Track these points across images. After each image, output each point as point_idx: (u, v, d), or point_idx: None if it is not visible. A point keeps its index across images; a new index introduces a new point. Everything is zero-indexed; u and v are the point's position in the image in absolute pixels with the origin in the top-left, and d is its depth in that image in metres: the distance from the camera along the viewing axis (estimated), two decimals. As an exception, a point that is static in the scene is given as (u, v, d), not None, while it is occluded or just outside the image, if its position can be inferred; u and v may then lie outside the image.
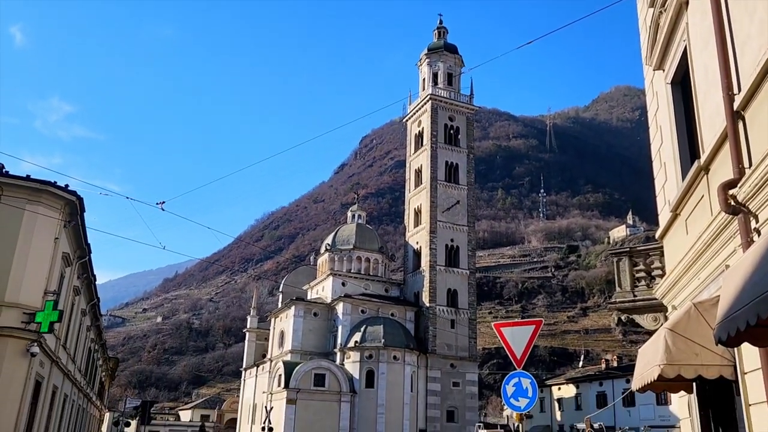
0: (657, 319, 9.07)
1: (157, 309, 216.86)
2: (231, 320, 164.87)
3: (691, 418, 7.64)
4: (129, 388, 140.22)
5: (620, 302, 9.48)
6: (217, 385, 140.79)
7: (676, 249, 8.05)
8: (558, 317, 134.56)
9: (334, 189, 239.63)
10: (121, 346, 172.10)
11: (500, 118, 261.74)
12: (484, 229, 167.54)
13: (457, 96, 70.43)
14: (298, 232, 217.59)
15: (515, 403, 8.38)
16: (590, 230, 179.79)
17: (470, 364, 62.91)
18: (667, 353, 6.03)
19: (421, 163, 68.48)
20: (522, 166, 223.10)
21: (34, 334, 15.42)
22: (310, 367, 56.80)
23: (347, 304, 61.92)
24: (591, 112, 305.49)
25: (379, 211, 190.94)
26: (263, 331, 76.49)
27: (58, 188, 16.39)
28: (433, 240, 63.61)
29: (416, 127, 71.08)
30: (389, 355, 57.34)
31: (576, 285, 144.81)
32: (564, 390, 64.48)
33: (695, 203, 7.29)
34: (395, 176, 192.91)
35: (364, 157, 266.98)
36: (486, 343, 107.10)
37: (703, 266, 7.01)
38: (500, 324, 8.78)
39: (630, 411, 53.45)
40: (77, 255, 21.30)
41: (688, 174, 7.28)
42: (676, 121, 8.13)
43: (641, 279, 9.56)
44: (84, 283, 24.83)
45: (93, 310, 30.07)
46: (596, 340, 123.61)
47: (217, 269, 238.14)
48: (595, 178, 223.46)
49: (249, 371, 76.09)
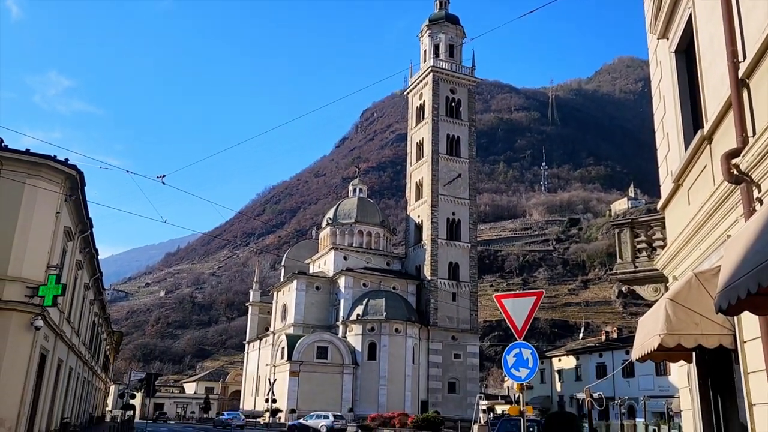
0: (657, 290, 9.08)
1: (160, 283, 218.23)
2: (233, 294, 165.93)
3: (690, 387, 7.70)
4: (134, 361, 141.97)
5: (621, 273, 9.48)
6: (220, 358, 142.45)
7: (678, 220, 8.02)
8: (559, 290, 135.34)
9: (336, 163, 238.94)
10: (125, 320, 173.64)
11: (502, 91, 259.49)
12: (485, 203, 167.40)
13: (458, 68, 69.75)
14: (300, 206, 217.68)
15: (516, 374, 8.45)
16: (592, 203, 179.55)
17: (471, 337, 63.48)
18: (667, 323, 6.04)
19: (422, 137, 68.15)
20: (524, 138, 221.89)
21: (38, 308, 15.52)
22: (312, 340, 57.37)
23: (349, 277, 62.26)
24: (594, 84, 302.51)
25: (380, 185, 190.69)
26: (266, 305, 77.11)
27: (58, 162, 16.34)
28: (435, 213, 63.63)
29: (417, 100, 70.55)
30: (391, 327, 57.84)
31: (577, 258, 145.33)
32: (564, 361, 65.10)
33: (698, 173, 7.24)
34: (396, 150, 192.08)
35: (366, 130, 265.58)
36: (487, 316, 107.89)
37: (704, 237, 6.99)
38: (501, 295, 8.81)
39: (629, 382, 54.03)
40: (79, 229, 21.32)
41: (691, 144, 7.21)
42: (679, 90, 8.03)
43: (642, 250, 9.54)
44: (86, 257, 24.90)
45: (96, 284, 30.23)
46: (596, 312, 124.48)
47: (219, 244, 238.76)
48: (597, 150, 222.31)
49: (252, 344, 76.88)
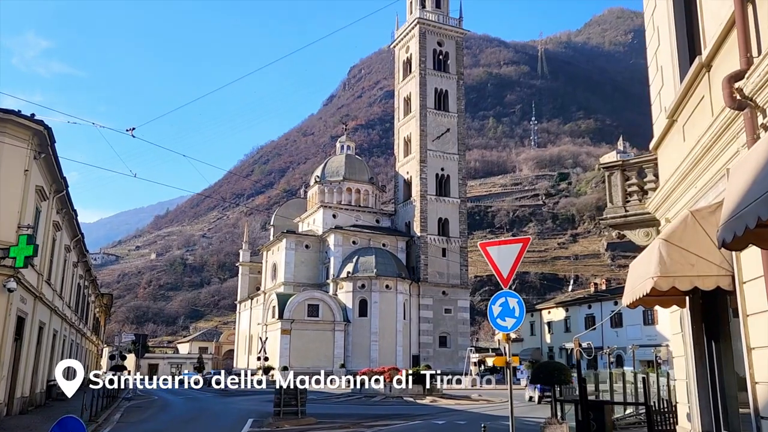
0: (649, 234, 8.68)
1: (150, 246, 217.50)
2: (225, 255, 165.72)
3: (684, 333, 7.37)
4: (127, 323, 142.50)
5: (611, 218, 9.06)
6: (214, 319, 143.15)
7: (672, 158, 7.55)
8: (548, 244, 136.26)
9: (323, 121, 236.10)
10: (116, 284, 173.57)
11: (491, 45, 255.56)
12: (475, 159, 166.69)
13: (446, 19, 68.08)
14: (289, 165, 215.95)
15: (502, 324, 8.08)
16: (581, 157, 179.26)
17: (462, 291, 63.79)
18: (661, 265, 5.63)
19: (409, 91, 66.95)
20: (513, 93, 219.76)
21: (10, 269, 14.99)
22: (303, 298, 57.42)
23: (338, 235, 61.96)
24: (583, 36, 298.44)
25: (369, 143, 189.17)
26: (256, 265, 76.94)
27: (23, 117, 15.56)
28: (423, 169, 63.03)
29: (404, 54, 69.05)
30: (381, 284, 57.92)
31: (566, 212, 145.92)
32: (554, 313, 65.79)
33: (694, 105, 6.74)
34: (385, 107, 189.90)
35: (353, 87, 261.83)
36: (478, 271, 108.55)
37: (700, 173, 6.54)
38: (486, 243, 8.36)
39: (617, 332, 54.70)
40: (54, 189, 20.63)
41: (688, 74, 6.69)
42: (675, 18, 7.45)
43: (633, 193, 9.10)
44: (65, 218, 24.26)
45: (78, 246, 29.64)
46: (586, 265, 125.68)
47: (208, 205, 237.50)
48: (587, 104, 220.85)
49: (243, 304, 77.02)
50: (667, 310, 7.91)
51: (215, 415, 21.40)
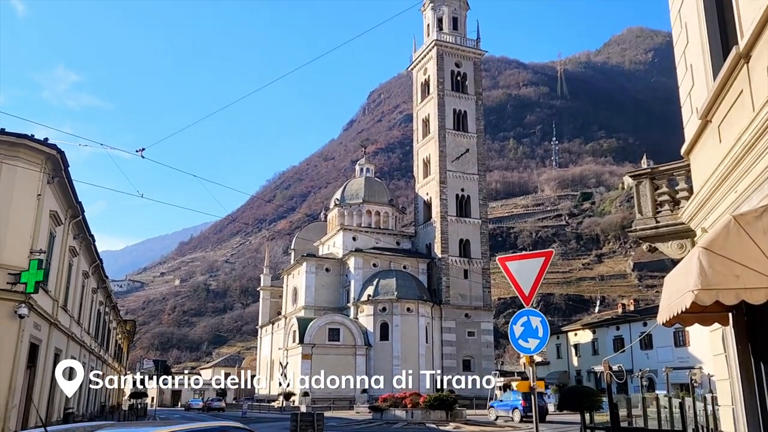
0: (683, 246, 8.03)
1: (175, 272, 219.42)
2: (247, 280, 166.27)
3: (727, 353, 6.67)
4: (151, 350, 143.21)
5: (641, 230, 8.42)
6: (236, 344, 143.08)
7: (706, 162, 6.95)
8: (573, 265, 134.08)
9: (344, 146, 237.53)
10: (141, 310, 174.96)
11: (509, 66, 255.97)
12: (496, 180, 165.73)
13: (463, 41, 68.04)
14: (310, 190, 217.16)
15: (524, 345, 7.46)
16: (604, 176, 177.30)
17: (485, 313, 62.59)
18: (701, 276, 5.01)
19: (428, 112, 66.76)
20: (533, 114, 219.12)
21: (21, 295, 14.74)
22: (323, 322, 56.79)
23: (358, 258, 61.45)
24: (603, 56, 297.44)
25: (389, 166, 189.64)
26: (277, 289, 76.70)
27: (36, 141, 15.45)
28: (443, 190, 62.47)
29: (422, 76, 69.05)
30: (403, 307, 57.08)
31: (590, 232, 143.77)
32: (580, 336, 64.15)
33: (732, 102, 6.16)
34: (405, 130, 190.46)
35: (373, 112, 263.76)
36: (501, 293, 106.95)
37: (741, 176, 5.93)
38: (505, 258, 7.79)
39: (648, 354, 52.98)
40: (70, 214, 20.53)
41: (723, 68, 6.13)
42: (705, 9, 6.91)
43: (664, 203, 8.47)
44: (82, 243, 24.17)
45: (96, 271, 29.56)
46: (612, 286, 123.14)
47: (231, 231, 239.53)
48: (609, 123, 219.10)
49: (265, 329, 76.65)
50: (707, 328, 7.23)
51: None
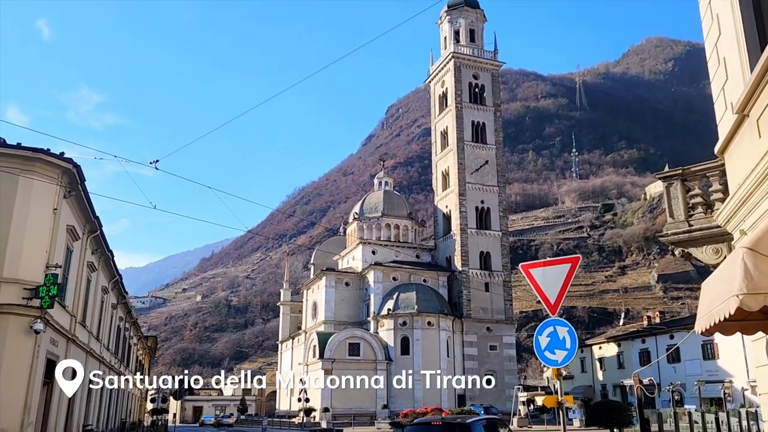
0: (719, 251, 7.55)
1: (196, 288, 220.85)
2: (268, 296, 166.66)
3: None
4: (173, 366, 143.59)
5: (673, 234, 7.95)
6: (258, 360, 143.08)
7: (744, 159, 6.51)
8: (595, 277, 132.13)
9: (363, 161, 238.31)
10: (164, 326, 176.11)
11: (528, 79, 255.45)
12: (516, 192, 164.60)
13: (480, 52, 67.83)
14: (330, 205, 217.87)
15: (551, 357, 7.02)
16: (625, 187, 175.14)
17: (507, 327, 61.65)
18: (747, 279, 4.58)
19: (446, 125, 66.48)
20: (552, 126, 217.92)
21: (37, 310, 14.61)
22: (343, 337, 56.35)
23: (378, 272, 61.03)
24: (622, 67, 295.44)
25: (408, 180, 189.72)
26: (297, 304, 76.49)
27: (52, 156, 15.41)
28: (463, 202, 61.94)
29: (440, 88, 68.89)
30: (423, 321, 56.44)
31: (613, 244, 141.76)
32: (605, 349, 62.82)
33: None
34: (423, 144, 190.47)
35: (391, 126, 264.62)
36: (523, 307, 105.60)
37: (785, 171, 5.49)
38: (529, 264, 7.39)
39: (675, 367, 51.61)
40: (87, 229, 20.50)
41: (761, 59, 5.72)
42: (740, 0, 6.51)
43: (697, 205, 8.00)
44: (101, 259, 24.15)
45: (116, 287, 29.56)
46: (636, 298, 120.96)
47: (252, 246, 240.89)
48: (629, 133, 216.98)
49: (285, 344, 76.40)
50: (748, 338, 6.73)
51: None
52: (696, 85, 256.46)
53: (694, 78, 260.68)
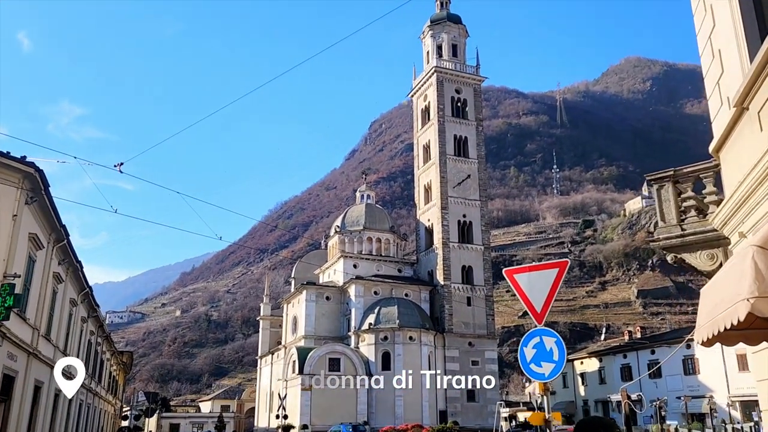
0: (714, 256, 7.09)
1: (176, 303, 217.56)
2: (249, 311, 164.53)
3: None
4: (151, 382, 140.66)
5: (665, 239, 7.48)
6: (238, 376, 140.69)
7: (744, 156, 6.06)
8: (576, 292, 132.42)
9: (346, 175, 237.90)
10: (142, 341, 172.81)
11: (509, 96, 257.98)
12: (498, 208, 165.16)
13: (462, 67, 67.96)
14: (312, 219, 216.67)
15: (537, 370, 6.46)
16: (605, 204, 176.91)
17: (489, 342, 61.10)
18: (758, 281, 4.09)
19: (428, 139, 66.30)
20: (533, 142, 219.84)
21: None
22: (324, 352, 55.35)
23: (359, 286, 60.26)
24: (601, 86, 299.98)
25: (391, 195, 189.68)
26: (277, 319, 75.29)
27: (12, 159, 14.63)
28: (445, 216, 61.59)
29: (422, 102, 68.81)
30: (405, 335, 55.68)
31: (593, 259, 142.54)
32: (587, 364, 62.54)
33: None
34: (406, 159, 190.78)
35: (374, 141, 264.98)
36: (505, 322, 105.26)
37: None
38: (513, 270, 6.85)
39: (656, 383, 51.39)
40: (53, 238, 19.63)
41: (763, 47, 5.29)
42: (736, -15, 6.10)
43: (690, 209, 7.55)
44: (69, 270, 23.20)
45: (87, 300, 28.50)
46: (616, 314, 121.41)
47: (233, 261, 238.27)
48: (608, 151, 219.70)
49: (264, 359, 75.05)
50: (751, 348, 6.24)
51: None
52: (673, 105, 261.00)
53: (671, 97, 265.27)
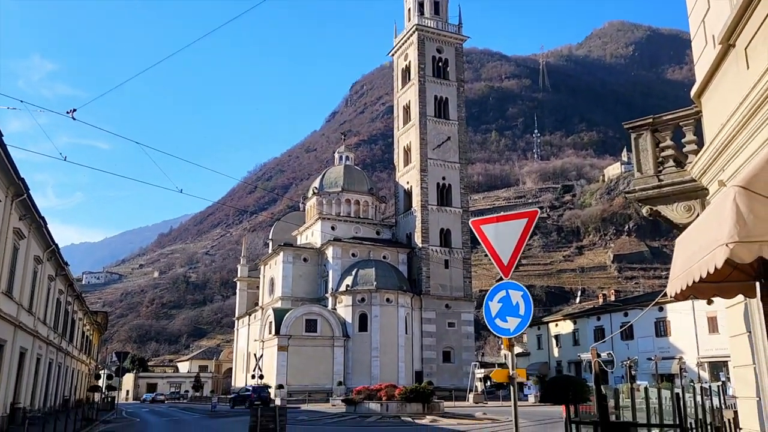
0: (691, 208, 6.73)
1: (154, 264, 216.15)
2: (228, 272, 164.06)
3: (753, 333, 5.38)
4: (129, 342, 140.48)
5: (641, 190, 7.10)
6: (216, 337, 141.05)
7: (727, 98, 5.64)
8: (554, 257, 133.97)
9: (326, 137, 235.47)
10: (119, 302, 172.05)
11: (492, 59, 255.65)
12: (478, 172, 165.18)
13: (444, 26, 66.59)
14: (292, 182, 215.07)
15: (502, 325, 6.08)
16: (585, 169, 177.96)
17: (466, 304, 61.51)
18: (739, 225, 3.68)
19: (409, 99, 65.30)
20: (515, 106, 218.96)
21: (-59, 276, 13.07)
22: (300, 313, 55.30)
23: (337, 248, 59.97)
24: (584, 49, 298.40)
25: (372, 158, 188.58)
26: (255, 280, 74.97)
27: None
28: (424, 178, 61.14)
29: (403, 61, 67.52)
30: (382, 297, 55.77)
31: (571, 224, 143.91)
32: (561, 326, 63.42)
33: (764, 15, 4.83)
34: (387, 122, 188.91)
35: (356, 103, 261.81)
36: (483, 285, 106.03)
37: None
38: (480, 220, 6.41)
39: (628, 344, 52.33)
40: (12, 192, 18.82)
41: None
42: None
43: (668, 159, 7.16)
44: (31, 226, 22.40)
45: (53, 257, 27.74)
46: (592, 278, 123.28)
47: (211, 222, 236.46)
48: (589, 116, 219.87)
49: (241, 320, 74.96)
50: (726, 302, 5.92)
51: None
52: (655, 70, 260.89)
53: (653, 63, 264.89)
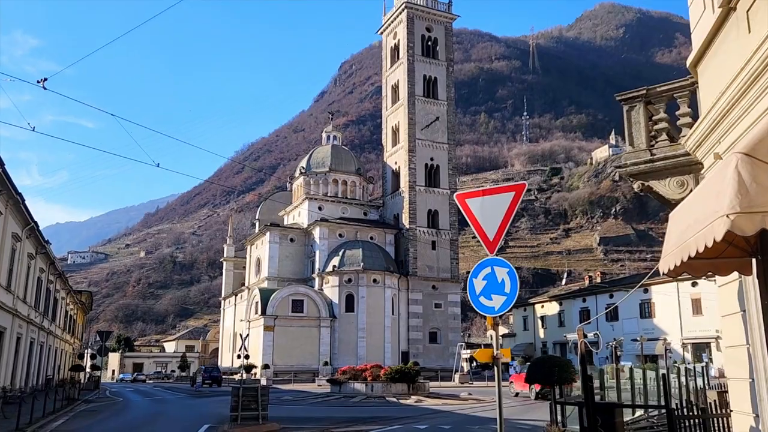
0: (684, 183, 6.47)
1: (140, 244, 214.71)
2: (215, 252, 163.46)
3: (748, 311, 5.16)
4: (115, 322, 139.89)
5: (633, 164, 6.82)
6: (203, 317, 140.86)
7: (726, 65, 5.34)
8: (541, 239, 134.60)
9: (314, 117, 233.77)
10: (105, 282, 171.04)
11: (482, 40, 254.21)
12: (467, 154, 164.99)
13: (434, 3, 65.75)
14: (279, 162, 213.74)
15: (486, 303, 5.81)
16: (573, 152, 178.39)
17: (453, 285, 61.57)
18: (741, 194, 3.41)
19: (397, 78, 64.61)
20: (505, 88, 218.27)
21: None
22: (287, 294, 55.08)
23: (324, 228, 59.62)
24: (575, 31, 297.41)
25: (360, 139, 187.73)
26: (241, 260, 74.58)
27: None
28: (412, 159, 60.75)
29: (392, 40, 66.68)
30: (369, 278, 55.64)
31: (559, 207, 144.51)
32: (547, 308, 63.78)
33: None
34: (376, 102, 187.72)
35: (344, 83, 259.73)
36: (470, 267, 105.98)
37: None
38: (465, 194, 6.11)
39: (613, 325, 52.71)
40: (-15, 167, 18.25)
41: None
42: None
43: (661, 132, 6.88)
44: (8, 202, 21.85)
45: (33, 235, 27.16)
46: (578, 260, 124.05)
47: (198, 203, 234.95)
48: (579, 98, 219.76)
49: (228, 300, 74.67)
50: (720, 280, 5.69)
51: (171, 421, 19.08)
52: (645, 53, 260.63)
53: (643, 45, 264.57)
